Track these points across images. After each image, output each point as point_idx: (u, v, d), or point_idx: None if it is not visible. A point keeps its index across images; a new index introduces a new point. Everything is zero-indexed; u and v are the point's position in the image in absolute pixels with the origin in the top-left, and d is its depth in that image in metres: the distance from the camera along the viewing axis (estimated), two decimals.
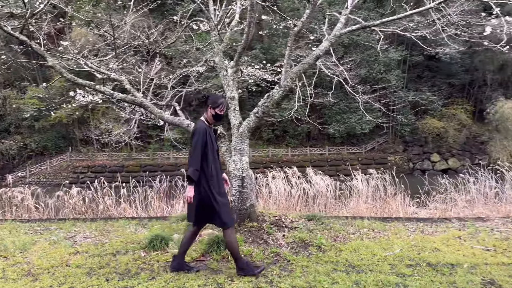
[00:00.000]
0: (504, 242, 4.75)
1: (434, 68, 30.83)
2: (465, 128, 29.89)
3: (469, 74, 30.16)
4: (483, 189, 8.49)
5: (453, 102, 30.74)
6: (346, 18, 5.78)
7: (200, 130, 3.66)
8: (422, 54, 27.69)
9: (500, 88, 29.95)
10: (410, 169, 29.53)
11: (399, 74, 28.70)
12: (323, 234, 5.02)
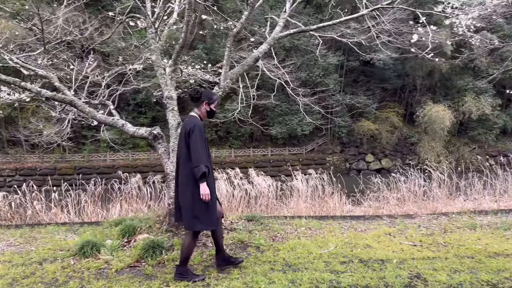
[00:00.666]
0: (429, 237, 5.09)
1: (369, 73, 32.47)
2: (397, 130, 31.79)
3: (400, 79, 32.13)
4: (413, 187, 9.05)
5: (386, 105, 32.56)
6: (285, 22, 5.90)
7: (199, 126, 3.59)
8: (358, 59, 29.03)
9: (428, 92, 32.25)
10: (347, 169, 30.82)
11: (336, 78, 29.86)
12: (262, 235, 5.06)
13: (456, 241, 4.86)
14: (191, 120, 3.69)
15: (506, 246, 4.61)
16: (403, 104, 33.61)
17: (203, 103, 3.80)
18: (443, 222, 5.91)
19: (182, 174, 3.65)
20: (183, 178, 3.63)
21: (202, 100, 3.79)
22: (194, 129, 3.55)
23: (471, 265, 4.03)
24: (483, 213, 6.61)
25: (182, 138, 3.69)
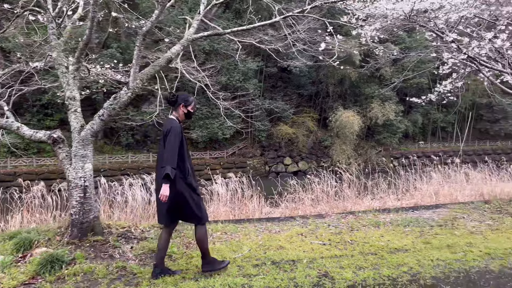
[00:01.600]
0: (338, 236, 5.33)
1: (286, 79, 33.67)
2: (312, 134, 33.33)
3: (315, 86, 33.80)
4: (326, 188, 9.48)
5: (302, 110, 34.00)
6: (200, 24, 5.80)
7: (177, 128, 3.70)
8: (276, 66, 29.95)
9: (339, 99, 34.35)
10: (266, 172, 31.54)
11: (256, 83, 30.47)
12: (175, 242, 4.88)
13: (361, 238, 5.16)
14: (169, 123, 3.80)
15: (405, 242, 5.01)
16: (317, 110, 35.36)
17: (180, 105, 3.91)
18: (351, 220, 6.24)
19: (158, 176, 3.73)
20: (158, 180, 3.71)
21: (179, 103, 3.91)
22: (171, 130, 3.67)
23: (374, 261, 4.29)
24: (386, 211, 7.12)
25: (161, 140, 3.80)
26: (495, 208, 6.91)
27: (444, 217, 6.35)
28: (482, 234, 5.39)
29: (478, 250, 4.65)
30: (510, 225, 5.81)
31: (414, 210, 7.15)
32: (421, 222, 6.08)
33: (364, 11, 6.13)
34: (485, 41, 6.24)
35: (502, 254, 4.54)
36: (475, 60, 6.92)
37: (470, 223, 5.97)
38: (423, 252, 4.61)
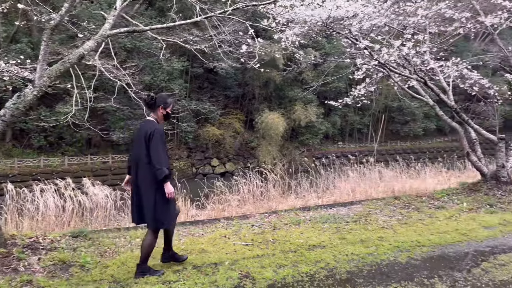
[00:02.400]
0: (260, 236, 5.40)
1: (213, 80, 33.53)
2: (239, 135, 33.60)
3: (241, 88, 34.10)
4: (252, 189, 9.58)
5: (229, 112, 34.10)
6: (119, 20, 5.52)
7: (160, 130, 3.78)
8: (202, 66, 29.65)
9: (265, 101, 35.05)
10: (193, 174, 31.11)
11: (182, 84, 29.91)
12: (89, 252, 4.57)
13: (282, 237, 5.28)
14: (150, 125, 3.85)
15: (323, 238, 5.22)
16: (244, 111, 35.73)
17: (159, 107, 3.94)
18: (274, 220, 6.37)
19: (143, 176, 3.77)
20: (145, 180, 3.77)
21: (157, 104, 3.93)
22: (154, 133, 3.71)
23: (294, 259, 4.41)
24: (307, 209, 7.38)
25: (141, 141, 3.78)
26: (404, 204, 7.50)
27: (359, 213, 6.74)
28: (392, 228, 5.81)
29: (388, 244, 4.99)
30: (416, 219, 6.33)
31: (332, 207, 7.50)
32: (337, 218, 6.39)
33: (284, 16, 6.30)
34: (393, 49, 6.75)
35: (409, 246, 4.93)
36: (385, 66, 7.47)
37: (382, 218, 6.41)
38: (339, 247, 4.84)
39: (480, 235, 5.38)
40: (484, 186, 8.09)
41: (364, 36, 7.25)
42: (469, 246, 4.96)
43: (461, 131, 8.84)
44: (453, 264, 4.32)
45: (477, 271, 4.09)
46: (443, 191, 8.54)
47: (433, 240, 5.16)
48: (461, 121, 8.53)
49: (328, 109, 35.86)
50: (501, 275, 3.97)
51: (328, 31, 7.44)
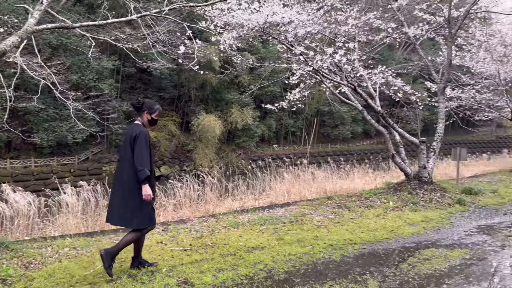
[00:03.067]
0: (199, 240, 5.31)
1: (147, 81, 32.56)
2: (174, 138, 32.95)
3: (177, 89, 33.50)
4: (188, 192, 9.40)
5: (164, 114, 33.30)
6: (43, 15, 5.14)
7: (145, 133, 3.89)
8: (135, 66, 28.67)
9: (202, 103, 34.76)
10: None
11: (112, 84, 28.66)
12: (11, 264, 4.19)
13: (221, 240, 5.25)
14: (136, 128, 3.95)
15: (262, 240, 5.27)
16: (180, 113, 35.13)
17: (144, 112, 4.03)
18: (212, 223, 6.31)
19: (128, 177, 3.84)
20: (129, 181, 3.83)
21: (143, 110, 4.03)
22: (139, 135, 3.83)
23: (233, 262, 4.40)
24: (245, 211, 7.42)
25: (127, 144, 3.89)
26: (336, 203, 7.84)
27: (295, 214, 6.92)
28: (326, 227, 6.04)
29: (323, 243, 5.18)
30: (348, 218, 6.64)
31: (269, 208, 7.61)
32: (275, 219, 6.50)
33: (222, 19, 6.30)
34: (326, 56, 7.04)
35: (342, 244, 5.15)
36: (319, 72, 7.77)
37: (317, 218, 6.63)
38: (277, 248, 4.92)
39: (406, 232, 5.78)
40: (408, 186, 8.71)
41: (299, 43, 7.49)
42: (397, 243, 5.30)
43: (386, 134, 9.45)
44: (382, 260, 4.59)
45: (404, 266, 4.39)
46: (371, 191, 9.07)
47: (364, 237, 5.45)
48: (386, 125, 9.12)
49: (264, 113, 36.48)
50: (425, 269, 4.29)
51: (265, 36, 7.58)
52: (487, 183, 11.12)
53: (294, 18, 7.09)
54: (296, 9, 7.62)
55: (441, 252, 4.86)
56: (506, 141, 49.49)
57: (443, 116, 9.34)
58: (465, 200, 8.08)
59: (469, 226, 6.26)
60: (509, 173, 13.71)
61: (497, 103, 16.76)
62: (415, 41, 9.67)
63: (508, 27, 13.49)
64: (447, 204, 7.88)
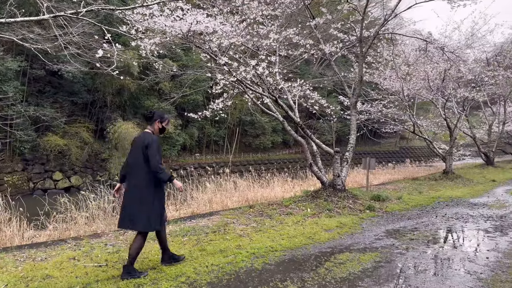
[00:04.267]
0: (115, 255, 5.04)
1: (57, 84, 30.22)
2: (87, 146, 30.94)
3: (91, 94, 31.57)
4: (103, 204, 8.87)
5: (76, 120, 31.14)
6: None
7: (157, 140, 4.23)
8: (44, 68, 26.52)
9: (118, 110, 33.16)
10: (30, 189, 27.27)
11: (17, 86, 26.10)
12: None
13: (140, 254, 5.02)
14: (147, 136, 4.26)
15: (183, 252, 5.16)
16: (94, 120, 33.13)
17: (156, 121, 4.39)
18: (129, 236, 6.02)
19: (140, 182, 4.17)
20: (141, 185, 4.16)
21: (154, 119, 4.39)
22: (152, 143, 4.15)
23: (154, 276, 4.24)
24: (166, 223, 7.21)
25: (139, 152, 4.18)
26: (257, 212, 7.97)
27: (218, 223, 6.90)
28: (248, 236, 6.11)
29: (245, 252, 5.22)
30: (269, 226, 6.79)
31: (191, 219, 7.49)
32: (197, 230, 6.41)
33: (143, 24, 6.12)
34: (250, 67, 7.19)
35: (264, 252, 5.24)
36: (242, 83, 7.90)
37: (239, 227, 6.68)
38: (199, 259, 4.85)
39: (323, 238, 6.07)
40: (324, 193, 9.18)
41: (223, 53, 7.55)
42: (314, 248, 5.54)
43: (305, 144, 9.89)
44: (301, 266, 4.76)
45: (321, 271, 4.59)
46: (290, 199, 9.40)
47: (284, 244, 5.61)
48: (304, 136, 9.55)
49: (186, 121, 35.97)
50: (341, 273, 4.54)
51: (188, 44, 7.52)
52: (393, 190, 12.16)
53: (218, 29, 7.15)
54: (220, 19, 7.69)
55: (354, 256, 5.19)
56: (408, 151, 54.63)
57: (355, 128, 10.04)
58: (374, 206, 8.74)
59: (378, 231, 6.77)
60: (412, 181, 15.14)
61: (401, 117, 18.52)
62: (330, 57, 10.31)
63: (411, 48, 15.03)
64: (358, 210, 8.45)
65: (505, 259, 5.07)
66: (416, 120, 17.00)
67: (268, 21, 9.49)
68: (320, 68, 41.72)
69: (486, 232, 6.74)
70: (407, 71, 14.90)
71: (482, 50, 17.15)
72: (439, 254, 5.36)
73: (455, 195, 11.18)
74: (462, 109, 18.31)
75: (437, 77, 15.81)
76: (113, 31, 6.37)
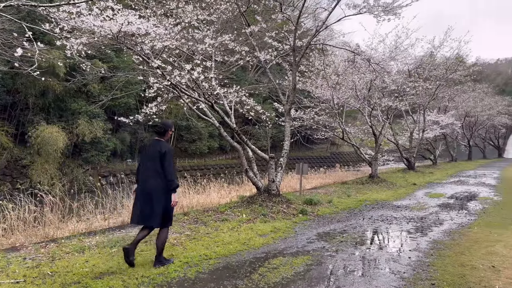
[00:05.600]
0: (35, 269, 4.64)
1: None
2: (6, 151, 28.38)
3: (11, 95, 29.08)
4: (23, 214, 8.16)
5: None
6: None
7: (172, 150, 4.91)
8: None
9: (42, 112, 30.85)
10: None
11: None
12: None
13: (64, 268, 4.68)
14: (163, 144, 4.84)
15: (112, 264, 4.88)
16: (14, 123, 30.52)
17: (168, 131, 4.97)
18: (52, 249, 5.59)
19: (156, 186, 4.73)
20: (157, 188, 4.72)
21: (166, 129, 4.94)
22: (168, 151, 4.74)
23: None
24: (93, 233, 6.81)
25: (156, 157, 4.74)
26: (192, 219, 7.82)
27: None
28: (182, 244, 5.95)
29: (178, 261, 5.07)
30: (204, 233, 6.68)
31: (121, 229, 7.16)
32: (127, 240, 6.12)
33: (69, 23, 5.75)
34: (185, 72, 7.06)
35: (197, 261, 5.13)
36: (177, 87, 7.73)
37: (172, 236, 6.49)
38: (129, 271, 4.62)
39: (257, 243, 6.11)
40: (259, 199, 9.27)
41: (156, 56, 7.34)
42: (249, 254, 5.55)
43: (240, 150, 9.93)
44: (236, 273, 4.73)
45: (255, 277, 4.60)
46: (226, 205, 9.35)
47: (219, 252, 5.55)
48: (240, 141, 9.59)
49: (117, 125, 34.43)
50: (274, 278, 4.58)
51: (119, 45, 7.20)
52: (324, 194, 12.63)
53: (151, 31, 6.94)
54: (153, 21, 7.48)
55: (287, 260, 5.27)
56: (338, 157, 57.24)
57: (289, 134, 10.29)
58: (307, 210, 9.00)
59: (310, 234, 6.97)
60: (341, 185, 15.85)
61: (331, 124, 19.36)
62: (265, 65, 10.49)
63: (340, 58, 15.80)
64: (292, 214, 8.65)
65: (425, 258, 5.46)
66: (345, 127, 17.88)
67: (203, 26, 9.42)
68: (256, 75, 42.40)
69: (409, 233, 7.23)
70: (336, 80, 15.62)
71: (404, 62, 18.53)
72: (366, 255, 5.64)
73: (380, 198, 11.89)
74: (386, 117, 19.60)
75: (364, 87, 16.78)
76: (36, 29, 5.92)
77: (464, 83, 32.59)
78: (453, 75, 25.68)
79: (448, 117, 29.52)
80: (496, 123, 45.59)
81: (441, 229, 7.51)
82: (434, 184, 16.95)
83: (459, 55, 25.69)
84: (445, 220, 8.41)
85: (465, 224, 7.96)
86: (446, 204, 10.79)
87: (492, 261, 5.24)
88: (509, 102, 45.98)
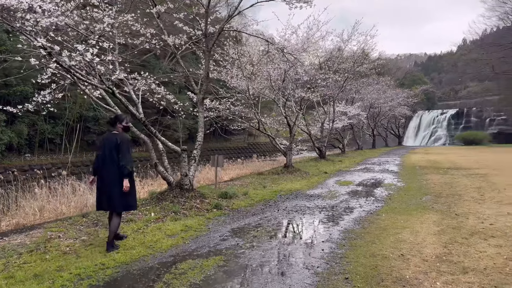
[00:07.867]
0: None
1: None
2: None
3: None
4: None
5: None
6: None
7: (127, 138, 5.46)
8: None
9: None
10: None
11: None
12: None
13: None
14: (118, 136, 5.40)
15: None
16: None
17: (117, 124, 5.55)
18: None
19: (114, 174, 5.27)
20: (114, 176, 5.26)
21: (118, 121, 5.56)
22: (122, 141, 5.32)
23: None
24: None
25: (111, 147, 5.30)
26: (91, 221, 6.97)
27: (38, 240, 5.73)
28: (75, 253, 5.18)
29: (68, 273, 4.35)
30: (103, 238, 5.92)
31: (4, 236, 6.12)
32: (8, 251, 5.20)
33: None
34: (76, 53, 6.15)
35: (92, 271, 4.45)
36: (70, 71, 6.74)
37: (65, 242, 5.66)
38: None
39: (165, 245, 5.55)
40: (170, 195, 8.66)
41: (43, 34, 6.30)
42: (154, 259, 4.98)
43: (149, 143, 9.20)
44: (136, 284, 4.16)
45: (159, 286, 4.08)
46: None
47: (119, 259, 4.90)
48: (149, 134, 8.85)
49: (12, 116, 30.72)
50: (181, 285, 4.09)
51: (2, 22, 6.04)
52: (240, 186, 12.37)
53: (36, 5, 5.92)
54: None
55: (197, 262, 4.82)
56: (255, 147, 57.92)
57: (203, 125, 9.78)
58: (221, 205, 8.61)
59: (224, 230, 6.59)
60: (257, 175, 15.76)
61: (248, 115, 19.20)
62: (175, 50, 9.80)
63: (255, 48, 15.60)
64: (205, 210, 8.20)
65: (338, 250, 5.39)
66: (261, 118, 17.83)
67: (104, 4, 8.44)
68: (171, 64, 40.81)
69: (321, 223, 7.21)
70: (251, 70, 15.42)
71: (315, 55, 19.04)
72: (280, 250, 5.41)
73: (295, 188, 11.96)
74: (300, 108, 19.99)
75: (278, 78, 16.84)
76: None
77: (370, 75, 34.82)
78: (360, 68, 27.17)
79: (355, 108, 31.30)
80: (397, 114, 49.69)
81: (352, 217, 7.64)
82: (344, 172, 17.70)
83: (365, 49, 27.22)
84: (355, 208, 8.61)
85: (374, 211, 8.20)
86: (355, 192, 11.17)
87: (401, 249, 5.34)
88: (408, 94, 50.42)
